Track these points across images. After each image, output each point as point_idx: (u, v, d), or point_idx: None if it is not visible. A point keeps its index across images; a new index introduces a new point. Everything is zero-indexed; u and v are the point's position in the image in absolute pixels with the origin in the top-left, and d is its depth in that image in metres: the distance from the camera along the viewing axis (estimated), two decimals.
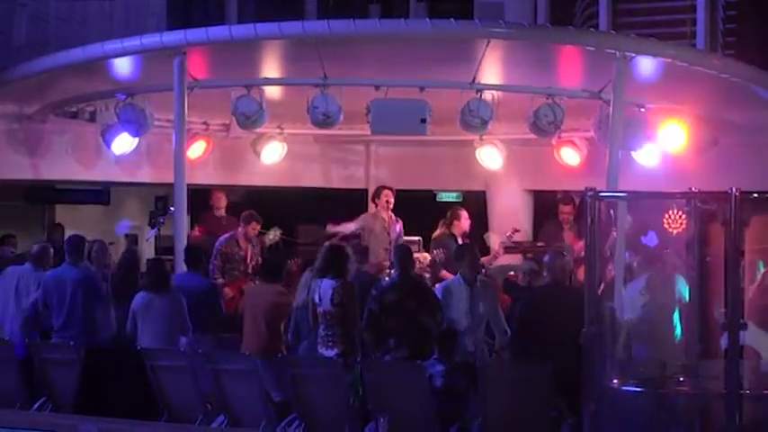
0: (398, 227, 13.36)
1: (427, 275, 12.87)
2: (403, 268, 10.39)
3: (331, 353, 10.10)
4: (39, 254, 11.90)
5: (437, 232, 13.64)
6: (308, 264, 11.27)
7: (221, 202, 14.79)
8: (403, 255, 10.55)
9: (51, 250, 11.99)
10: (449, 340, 9.94)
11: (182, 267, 11.67)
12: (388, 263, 12.58)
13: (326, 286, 10.16)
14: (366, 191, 15.06)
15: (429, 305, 10.22)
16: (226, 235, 13.47)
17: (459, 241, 13.41)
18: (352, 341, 10.19)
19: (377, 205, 13.55)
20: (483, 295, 10.54)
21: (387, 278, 11.04)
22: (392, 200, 13.36)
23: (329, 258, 10.34)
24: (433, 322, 10.12)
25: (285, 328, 10.81)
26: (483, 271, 12.23)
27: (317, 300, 10.21)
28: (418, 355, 9.85)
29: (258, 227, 13.39)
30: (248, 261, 13.24)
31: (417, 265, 13.02)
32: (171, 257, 12.07)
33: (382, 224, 13.28)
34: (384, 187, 13.57)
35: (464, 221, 13.63)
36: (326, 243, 11.26)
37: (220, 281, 12.92)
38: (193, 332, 10.91)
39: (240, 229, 13.37)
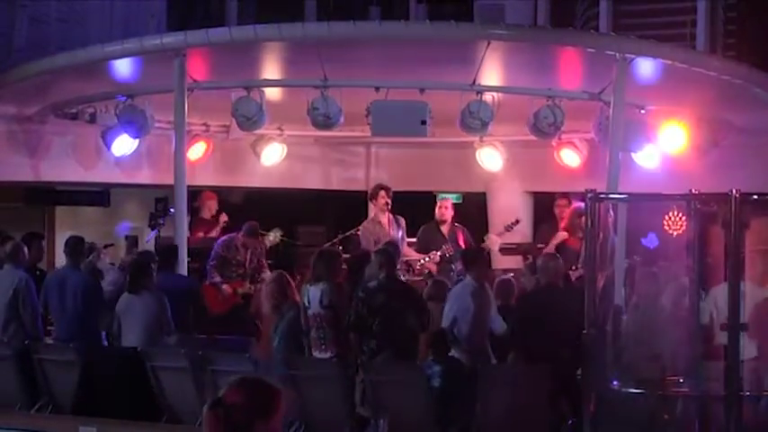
0: (400, 233, 13.25)
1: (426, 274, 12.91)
2: (389, 270, 10.42)
3: (324, 355, 10.17)
4: (12, 252, 11.61)
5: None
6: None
7: (213, 205, 14.52)
8: (388, 257, 10.60)
9: (25, 247, 11.84)
10: (441, 341, 9.97)
11: (184, 269, 11.69)
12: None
13: (315, 289, 10.28)
14: (366, 193, 15.05)
15: (415, 307, 10.28)
16: (224, 237, 13.42)
17: (443, 229, 13.44)
18: (347, 343, 10.25)
19: (374, 205, 13.49)
20: (486, 297, 10.63)
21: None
22: (389, 200, 13.26)
23: (317, 264, 10.48)
24: (418, 323, 10.17)
25: None
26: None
27: (306, 303, 10.32)
28: (403, 358, 9.93)
29: (250, 242, 13.20)
30: (247, 264, 13.20)
31: (417, 267, 13.09)
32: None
33: (383, 228, 13.23)
34: (381, 187, 13.42)
35: (439, 211, 13.64)
36: (319, 248, 11.45)
37: (218, 279, 12.92)
38: (177, 332, 10.93)
39: (240, 236, 13.26)
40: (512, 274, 12.41)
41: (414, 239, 13.71)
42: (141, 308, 10.81)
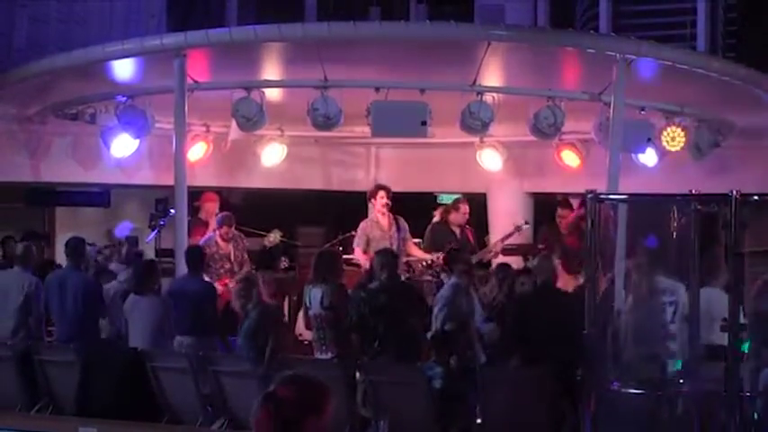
0: (400, 234, 13.17)
1: (428, 278, 12.90)
2: (390, 271, 10.44)
3: (325, 356, 10.20)
4: (23, 254, 11.71)
5: (434, 220, 13.79)
6: None
7: (212, 207, 14.51)
8: (389, 258, 10.62)
9: (34, 249, 11.88)
10: (445, 342, 9.99)
11: (182, 270, 11.68)
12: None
13: (317, 290, 10.32)
14: (366, 193, 15.06)
15: (417, 307, 10.32)
16: (205, 236, 13.46)
17: (455, 230, 13.48)
18: (348, 344, 10.27)
19: (373, 205, 13.46)
20: (470, 295, 10.69)
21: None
22: (388, 201, 13.19)
23: (318, 264, 10.51)
24: (421, 324, 10.21)
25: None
26: None
27: (307, 303, 10.38)
28: (405, 358, 9.94)
29: (230, 230, 13.24)
30: (232, 259, 13.21)
31: (418, 268, 13.08)
32: (171, 260, 12.07)
33: (381, 229, 13.18)
34: (380, 188, 13.34)
35: (461, 215, 13.69)
36: (319, 250, 11.50)
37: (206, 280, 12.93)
38: (194, 335, 10.93)
39: (216, 231, 13.33)
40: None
41: (416, 240, 13.70)
42: (146, 310, 10.85)
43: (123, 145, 13.51)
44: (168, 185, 12.67)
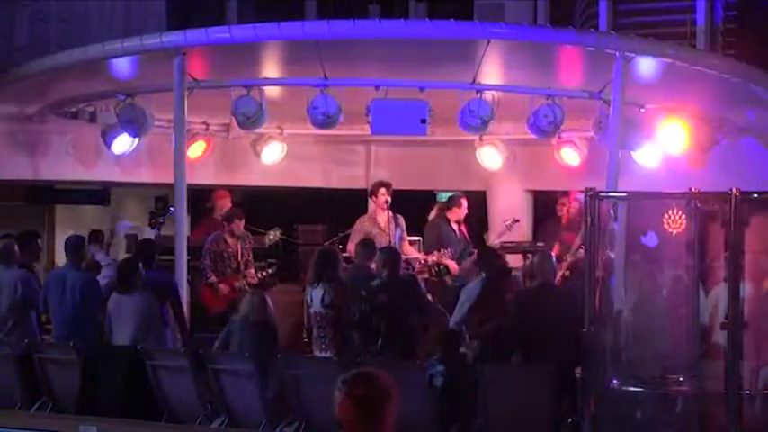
0: (399, 232, 13.16)
1: (426, 276, 12.91)
2: (391, 269, 10.45)
3: (324, 354, 10.21)
4: (4, 251, 11.72)
5: (432, 215, 13.78)
6: None
7: (226, 204, 14.53)
8: (391, 255, 10.62)
9: (16, 246, 11.89)
10: (450, 341, 9.99)
11: (182, 269, 11.70)
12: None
13: (318, 288, 10.37)
14: (366, 191, 15.04)
15: (418, 305, 10.32)
16: (213, 234, 13.46)
17: (454, 227, 13.49)
18: (347, 342, 10.29)
19: (374, 202, 13.46)
20: None
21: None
22: (389, 198, 13.19)
23: (319, 263, 10.50)
24: (421, 322, 10.22)
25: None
26: None
27: (308, 301, 10.38)
28: (405, 356, 9.95)
29: (241, 224, 13.27)
30: (239, 258, 13.21)
31: (417, 266, 13.08)
32: (171, 258, 12.07)
33: (378, 226, 13.17)
34: (381, 184, 13.34)
35: (462, 210, 13.69)
36: (319, 248, 11.50)
37: (213, 278, 12.93)
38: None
39: (225, 227, 13.33)
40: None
41: (416, 238, 13.70)
42: (132, 308, 10.82)
43: (123, 143, 13.51)
44: (168, 183, 12.68)
